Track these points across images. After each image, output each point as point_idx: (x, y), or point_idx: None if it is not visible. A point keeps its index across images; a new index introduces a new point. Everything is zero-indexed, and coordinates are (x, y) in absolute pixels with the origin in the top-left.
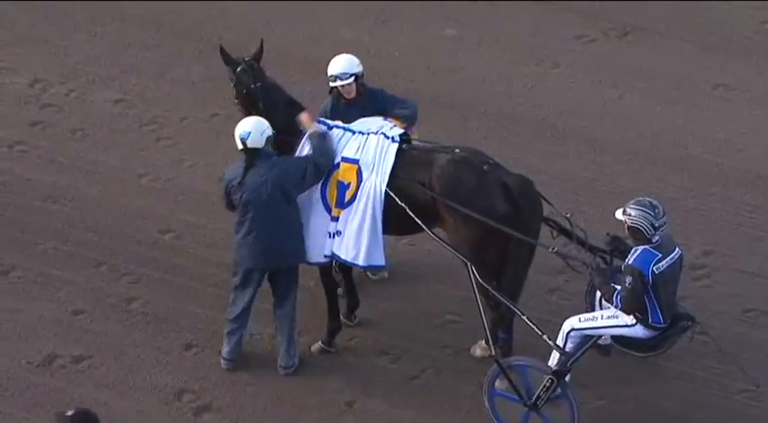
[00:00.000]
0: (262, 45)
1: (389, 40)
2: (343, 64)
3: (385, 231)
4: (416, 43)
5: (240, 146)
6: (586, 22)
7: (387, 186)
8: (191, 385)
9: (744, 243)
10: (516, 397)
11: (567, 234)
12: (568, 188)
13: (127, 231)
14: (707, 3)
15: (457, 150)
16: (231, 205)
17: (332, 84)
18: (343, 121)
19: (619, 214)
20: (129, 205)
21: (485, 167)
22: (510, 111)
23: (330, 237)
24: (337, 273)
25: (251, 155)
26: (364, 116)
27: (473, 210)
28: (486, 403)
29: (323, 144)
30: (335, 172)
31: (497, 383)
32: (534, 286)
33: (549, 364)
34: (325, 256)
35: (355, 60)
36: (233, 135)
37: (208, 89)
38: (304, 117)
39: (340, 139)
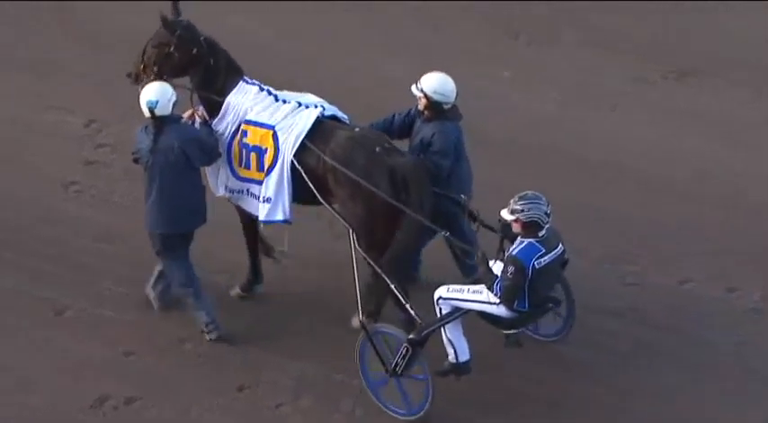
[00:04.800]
0: (176, 6)
1: None
2: (454, 89)
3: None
4: (469, 83)
5: (148, 114)
6: (645, 64)
7: (293, 152)
8: None
9: None
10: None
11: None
12: (620, 227)
13: None
14: (764, 46)
15: (357, 129)
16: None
17: (441, 102)
18: (417, 135)
19: (506, 214)
20: None
21: (377, 149)
22: (565, 151)
23: (251, 196)
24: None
25: (159, 122)
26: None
27: (358, 189)
28: (371, 394)
29: (211, 136)
30: (237, 136)
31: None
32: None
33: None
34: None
35: None
36: None
37: None
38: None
39: (259, 100)
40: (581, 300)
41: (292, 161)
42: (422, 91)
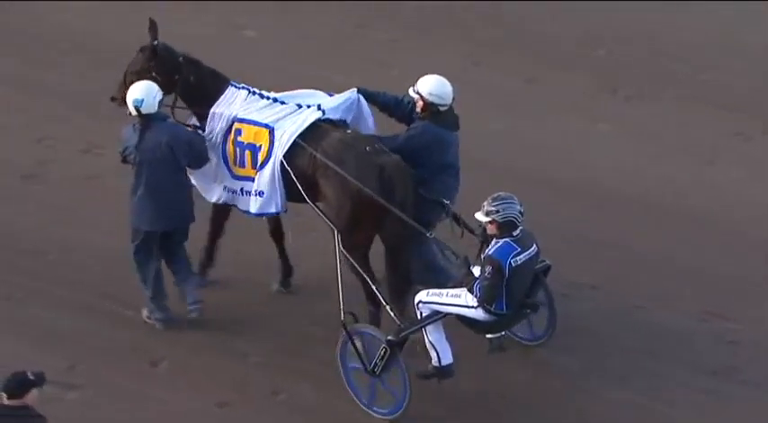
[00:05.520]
0: (152, 24)
1: (538, 132)
2: (450, 92)
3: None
4: (563, 134)
5: (134, 112)
6: (745, 119)
7: (284, 151)
8: None
9: None
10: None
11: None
12: (719, 284)
13: (275, 322)
14: None
15: (348, 131)
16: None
17: (436, 103)
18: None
19: (481, 216)
20: (276, 297)
21: (366, 149)
22: (659, 205)
23: (245, 194)
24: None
25: (146, 120)
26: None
27: (347, 187)
28: (342, 375)
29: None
30: (231, 136)
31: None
32: None
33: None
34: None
35: None
36: None
37: None
38: None
39: (249, 102)
40: (679, 357)
41: (282, 160)
42: (417, 93)
